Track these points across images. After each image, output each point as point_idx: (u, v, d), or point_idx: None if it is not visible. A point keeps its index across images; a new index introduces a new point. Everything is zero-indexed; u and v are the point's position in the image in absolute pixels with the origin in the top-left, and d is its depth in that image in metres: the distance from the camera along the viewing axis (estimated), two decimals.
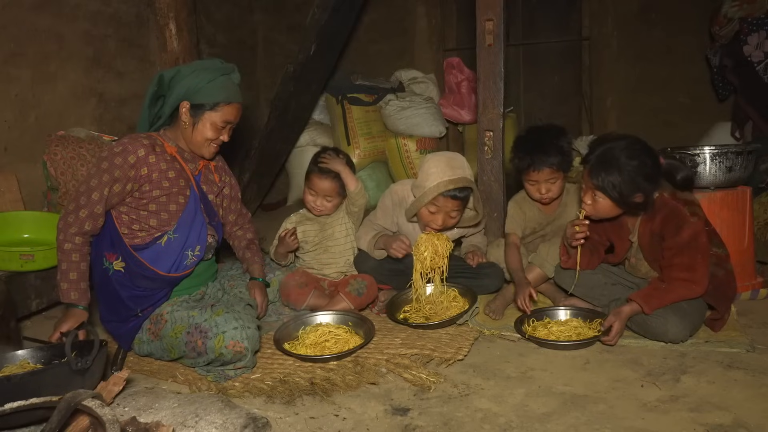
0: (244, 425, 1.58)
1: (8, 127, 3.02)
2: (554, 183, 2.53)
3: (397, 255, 2.50)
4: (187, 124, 2.11)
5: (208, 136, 2.12)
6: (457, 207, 2.48)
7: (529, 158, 2.50)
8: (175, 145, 2.17)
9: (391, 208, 2.68)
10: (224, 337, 1.93)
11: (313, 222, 2.71)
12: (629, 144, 2.06)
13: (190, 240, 2.15)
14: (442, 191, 2.40)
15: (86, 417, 1.35)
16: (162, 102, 2.15)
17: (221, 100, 2.10)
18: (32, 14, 3.12)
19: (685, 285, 2.08)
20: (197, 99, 2.08)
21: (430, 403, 1.79)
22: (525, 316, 2.32)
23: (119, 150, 2.03)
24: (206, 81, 2.07)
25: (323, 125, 4.97)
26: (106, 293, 2.13)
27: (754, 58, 3.83)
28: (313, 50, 3.92)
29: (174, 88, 2.08)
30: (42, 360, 1.92)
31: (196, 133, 2.12)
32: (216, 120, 2.11)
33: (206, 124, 2.11)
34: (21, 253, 2.45)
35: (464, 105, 4.82)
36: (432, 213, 2.47)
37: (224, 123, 2.13)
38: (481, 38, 2.91)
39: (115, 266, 2.09)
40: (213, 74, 2.09)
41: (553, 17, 5.27)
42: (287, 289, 2.54)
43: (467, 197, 2.51)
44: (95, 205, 2.01)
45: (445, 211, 2.46)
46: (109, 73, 3.65)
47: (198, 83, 2.06)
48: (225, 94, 2.10)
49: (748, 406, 1.69)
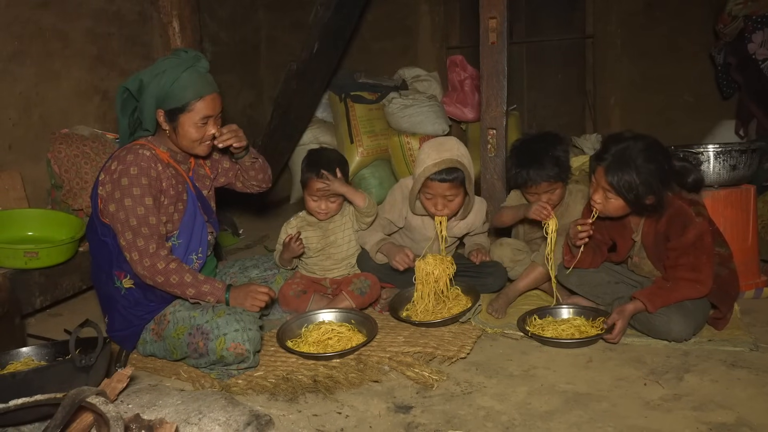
0: (247, 422, 1.59)
1: (12, 125, 3.03)
2: (554, 192, 2.55)
3: (398, 268, 2.50)
4: (169, 131, 2.07)
5: (193, 137, 2.06)
6: (450, 189, 2.45)
7: (525, 173, 2.52)
8: (167, 149, 2.13)
9: (401, 201, 2.67)
10: (225, 339, 1.93)
11: (314, 228, 2.65)
12: (647, 146, 2.04)
13: (193, 243, 2.16)
14: (428, 175, 2.40)
15: (90, 414, 1.36)
16: (137, 110, 2.10)
17: (190, 98, 2.01)
18: (36, 12, 3.12)
19: (690, 285, 2.08)
20: (168, 105, 2.01)
21: (433, 401, 1.79)
22: (527, 314, 2.32)
23: (136, 172, 1.97)
24: (170, 83, 1.99)
25: (326, 123, 4.97)
26: (116, 310, 2.11)
27: (759, 56, 3.81)
28: (317, 48, 3.92)
29: (144, 99, 2.03)
30: (46, 357, 1.93)
31: (180, 137, 2.07)
32: (193, 119, 2.04)
33: (185, 127, 2.04)
34: (25, 250, 2.46)
35: (467, 103, 4.82)
36: (429, 199, 2.49)
37: (203, 119, 2.05)
38: (485, 36, 2.90)
39: (125, 284, 2.07)
40: (175, 73, 2.00)
41: (556, 15, 5.26)
42: (286, 299, 2.52)
43: (459, 178, 2.45)
44: (158, 226, 1.99)
45: (440, 195, 2.45)
46: (113, 71, 3.65)
47: (163, 88, 1.99)
48: (192, 91, 2.01)
49: (751, 404, 1.68)
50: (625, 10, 4.91)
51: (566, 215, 2.65)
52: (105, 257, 2.07)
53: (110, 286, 2.09)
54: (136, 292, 2.08)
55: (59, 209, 2.99)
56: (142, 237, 1.96)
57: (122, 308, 2.09)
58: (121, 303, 2.09)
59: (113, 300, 2.10)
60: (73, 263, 2.73)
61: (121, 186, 1.97)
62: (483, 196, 3.07)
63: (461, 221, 2.68)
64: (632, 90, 4.96)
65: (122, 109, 2.11)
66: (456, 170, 2.43)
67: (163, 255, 1.98)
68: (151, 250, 1.96)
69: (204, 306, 2.05)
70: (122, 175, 1.98)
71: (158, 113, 2.04)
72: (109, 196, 1.99)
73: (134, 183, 1.97)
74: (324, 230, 2.65)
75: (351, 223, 2.68)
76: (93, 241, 2.13)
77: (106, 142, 3.19)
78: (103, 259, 2.09)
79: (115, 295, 2.09)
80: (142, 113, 2.06)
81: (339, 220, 2.66)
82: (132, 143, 2.08)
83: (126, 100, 2.09)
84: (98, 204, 2.05)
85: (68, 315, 2.75)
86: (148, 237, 1.96)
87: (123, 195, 1.96)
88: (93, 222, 2.11)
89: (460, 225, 2.69)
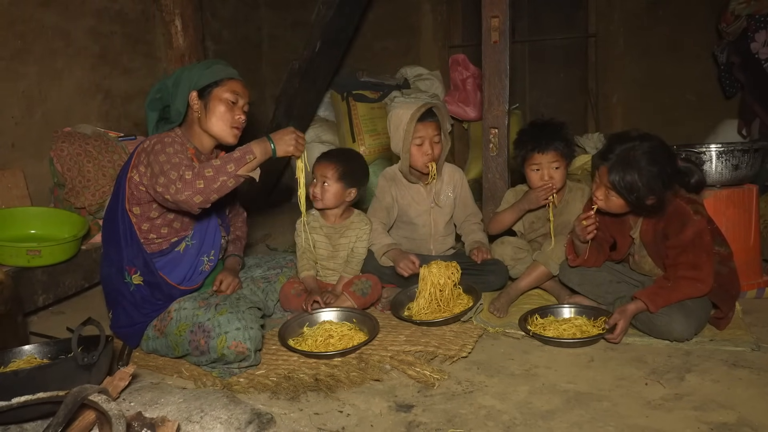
0: (249, 421, 1.59)
1: (15, 123, 3.04)
2: (557, 169, 2.55)
3: (402, 274, 2.53)
4: (200, 112, 2.12)
5: (223, 112, 2.11)
6: (436, 130, 2.68)
7: (534, 142, 2.56)
8: (192, 146, 2.16)
9: (387, 185, 2.81)
10: (227, 337, 1.94)
11: (323, 234, 2.65)
12: (652, 148, 2.04)
13: (206, 244, 2.17)
14: (417, 117, 2.60)
15: (92, 412, 1.36)
16: (168, 109, 2.16)
17: (224, 76, 2.13)
18: (39, 11, 3.13)
19: (690, 283, 2.08)
20: (202, 83, 2.10)
21: (434, 400, 1.79)
22: (529, 313, 2.33)
23: (170, 141, 2.02)
24: (205, 68, 2.13)
25: (328, 122, 4.97)
26: (122, 306, 2.12)
27: (762, 55, 3.80)
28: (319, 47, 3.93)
29: (179, 87, 2.11)
30: (49, 355, 1.94)
31: (210, 115, 2.11)
32: (224, 95, 2.11)
33: (216, 103, 2.11)
34: (28, 248, 2.47)
35: (469, 102, 4.82)
36: (419, 146, 2.65)
37: (233, 96, 2.13)
38: (487, 35, 2.90)
39: (134, 280, 2.08)
40: (209, 64, 2.15)
41: (559, 14, 5.25)
42: (287, 298, 2.52)
43: (438, 121, 2.70)
44: (191, 166, 1.96)
45: (428, 137, 2.65)
46: (116, 69, 3.66)
47: (197, 73, 2.11)
48: (225, 73, 2.14)
49: (752, 404, 1.68)
50: (627, 9, 4.90)
51: (566, 212, 2.65)
52: (118, 251, 2.08)
53: (119, 282, 2.10)
54: (144, 289, 2.09)
55: (62, 207, 3.00)
56: (174, 170, 1.93)
57: (128, 304, 2.11)
58: (127, 299, 2.10)
59: (120, 295, 2.12)
60: (75, 261, 2.75)
61: (155, 150, 2.00)
62: (485, 196, 3.09)
63: (446, 182, 2.82)
64: (635, 89, 4.96)
65: (151, 103, 2.17)
66: (434, 113, 2.67)
67: (195, 171, 1.92)
68: (181, 173, 1.92)
69: (208, 303, 2.06)
70: (157, 143, 2.02)
71: (191, 96, 2.11)
72: (147, 164, 2.00)
73: (169, 145, 2.01)
74: (331, 239, 2.66)
75: (362, 243, 2.65)
76: (108, 235, 2.13)
77: (109, 141, 3.20)
78: (115, 253, 2.09)
79: (123, 291, 2.10)
80: (174, 101, 2.12)
81: (351, 235, 2.65)
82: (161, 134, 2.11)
83: (157, 98, 2.16)
84: (126, 190, 2.06)
85: (71, 313, 2.75)
86: (178, 166, 1.94)
87: (157, 154, 1.98)
88: (113, 212, 2.10)
89: (445, 189, 2.82)
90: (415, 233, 2.82)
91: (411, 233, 2.82)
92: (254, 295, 2.44)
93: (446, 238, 2.87)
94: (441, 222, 2.82)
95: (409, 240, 2.83)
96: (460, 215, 2.87)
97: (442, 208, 2.82)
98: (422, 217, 2.79)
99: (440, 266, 2.43)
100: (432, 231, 2.81)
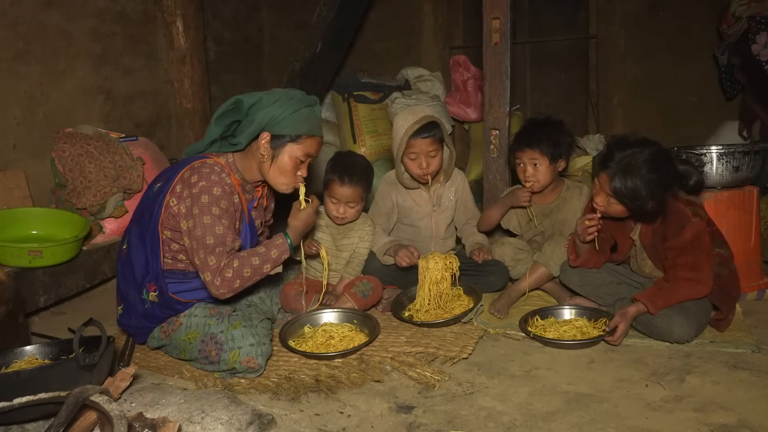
0: (250, 421, 1.60)
1: (17, 123, 3.04)
2: (537, 167, 2.58)
3: (401, 264, 2.55)
4: (266, 157, 2.01)
5: (288, 170, 2.02)
6: (432, 146, 2.59)
7: (518, 137, 2.64)
8: (240, 176, 2.07)
9: (388, 190, 2.81)
10: (240, 352, 1.93)
11: (328, 232, 2.66)
12: (653, 155, 2.03)
13: None
14: (410, 134, 2.54)
15: (94, 412, 1.36)
16: (236, 126, 2.04)
17: (304, 132, 2.00)
18: (41, 11, 3.14)
19: (690, 285, 2.08)
20: (279, 130, 1.98)
21: (435, 401, 1.80)
22: (529, 314, 2.33)
23: (219, 194, 1.93)
24: (290, 111, 1.97)
25: (329, 123, 4.97)
26: (133, 314, 2.09)
27: (763, 57, 3.80)
28: (320, 48, 3.93)
29: (255, 116, 1.97)
30: (50, 356, 1.94)
31: (275, 166, 2.02)
32: (297, 153, 2.01)
33: (285, 157, 2.01)
34: (29, 249, 2.47)
35: (470, 103, 4.82)
36: (413, 160, 2.62)
37: (305, 156, 2.04)
38: (488, 36, 2.90)
39: (150, 297, 2.02)
40: (297, 105, 1.99)
41: (560, 15, 5.25)
42: (288, 299, 2.51)
43: (438, 135, 2.61)
44: (234, 246, 1.95)
45: (423, 152, 2.59)
46: (117, 70, 3.66)
47: (282, 113, 1.96)
48: (308, 126, 2.01)
49: (752, 406, 1.68)
50: (628, 10, 4.90)
51: (563, 209, 2.67)
52: (142, 266, 2.02)
53: (136, 296, 2.04)
54: (157, 307, 2.04)
55: (63, 208, 3.01)
56: (215, 256, 1.90)
57: (139, 315, 2.07)
58: (139, 311, 2.06)
59: (132, 307, 2.07)
60: (77, 262, 2.75)
61: (201, 203, 1.91)
62: (485, 197, 3.10)
63: (448, 186, 2.81)
64: (635, 90, 4.96)
65: (219, 117, 2.03)
66: (434, 126, 2.59)
67: (226, 263, 1.91)
68: (222, 265, 1.91)
69: (220, 313, 2.03)
70: (203, 192, 1.92)
71: (263, 136, 1.99)
72: (187, 211, 1.93)
73: (215, 203, 1.91)
74: (334, 239, 2.66)
75: (365, 244, 2.66)
76: (134, 246, 2.05)
77: (110, 141, 3.20)
78: (139, 268, 2.02)
79: (137, 305, 2.05)
80: (244, 128, 2.00)
81: (354, 236, 2.65)
82: (210, 160, 2.00)
83: (231, 111, 2.02)
84: (162, 212, 1.98)
85: (72, 313, 2.76)
86: (221, 255, 1.90)
87: (202, 212, 1.90)
88: (144, 227, 2.02)
89: (447, 192, 2.81)
90: (417, 235, 2.82)
91: (412, 235, 2.83)
92: (263, 304, 2.41)
93: (447, 241, 2.88)
94: (442, 225, 2.82)
95: (410, 242, 2.83)
96: (460, 218, 2.88)
97: (444, 211, 2.82)
98: (424, 220, 2.80)
99: (438, 256, 2.46)
100: (433, 233, 2.82)
